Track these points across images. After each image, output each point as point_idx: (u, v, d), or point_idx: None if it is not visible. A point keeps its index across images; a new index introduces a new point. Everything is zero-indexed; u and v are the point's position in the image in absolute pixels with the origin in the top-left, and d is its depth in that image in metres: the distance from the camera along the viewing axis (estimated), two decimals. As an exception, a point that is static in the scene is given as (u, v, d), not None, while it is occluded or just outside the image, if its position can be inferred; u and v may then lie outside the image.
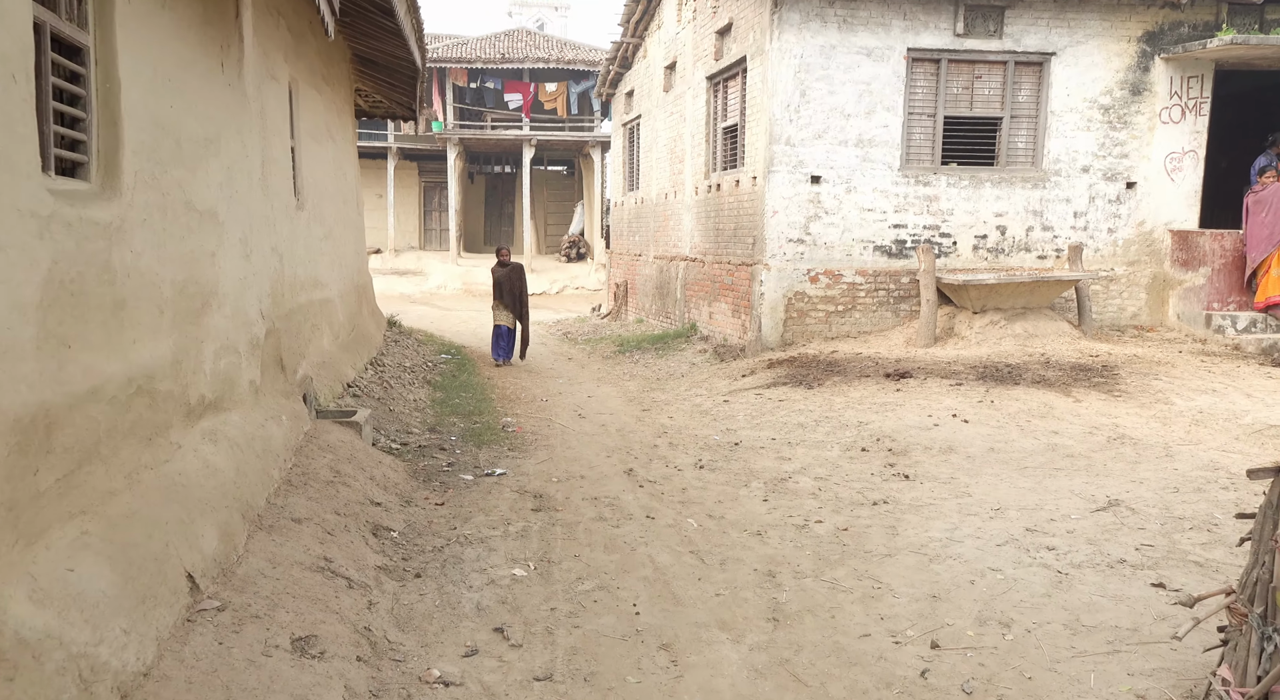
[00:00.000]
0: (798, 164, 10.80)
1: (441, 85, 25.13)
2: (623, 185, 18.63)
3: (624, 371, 11.73)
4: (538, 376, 11.35)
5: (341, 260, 9.67)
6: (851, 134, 10.81)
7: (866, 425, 7.57)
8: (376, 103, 14.37)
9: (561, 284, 25.53)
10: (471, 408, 8.76)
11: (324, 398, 7.13)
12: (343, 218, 10.02)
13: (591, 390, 10.30)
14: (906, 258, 11.07)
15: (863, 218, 10.97)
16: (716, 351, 11.62)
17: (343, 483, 5.16)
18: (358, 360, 9.14)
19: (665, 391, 10.04)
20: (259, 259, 5.51)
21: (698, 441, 7.49)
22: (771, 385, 9.40)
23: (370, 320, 11.61)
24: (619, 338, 14.66)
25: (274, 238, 6.20)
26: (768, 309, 10.93)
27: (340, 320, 9.02)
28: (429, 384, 9.86)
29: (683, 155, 14.25)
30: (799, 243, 10.93)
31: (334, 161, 9.57)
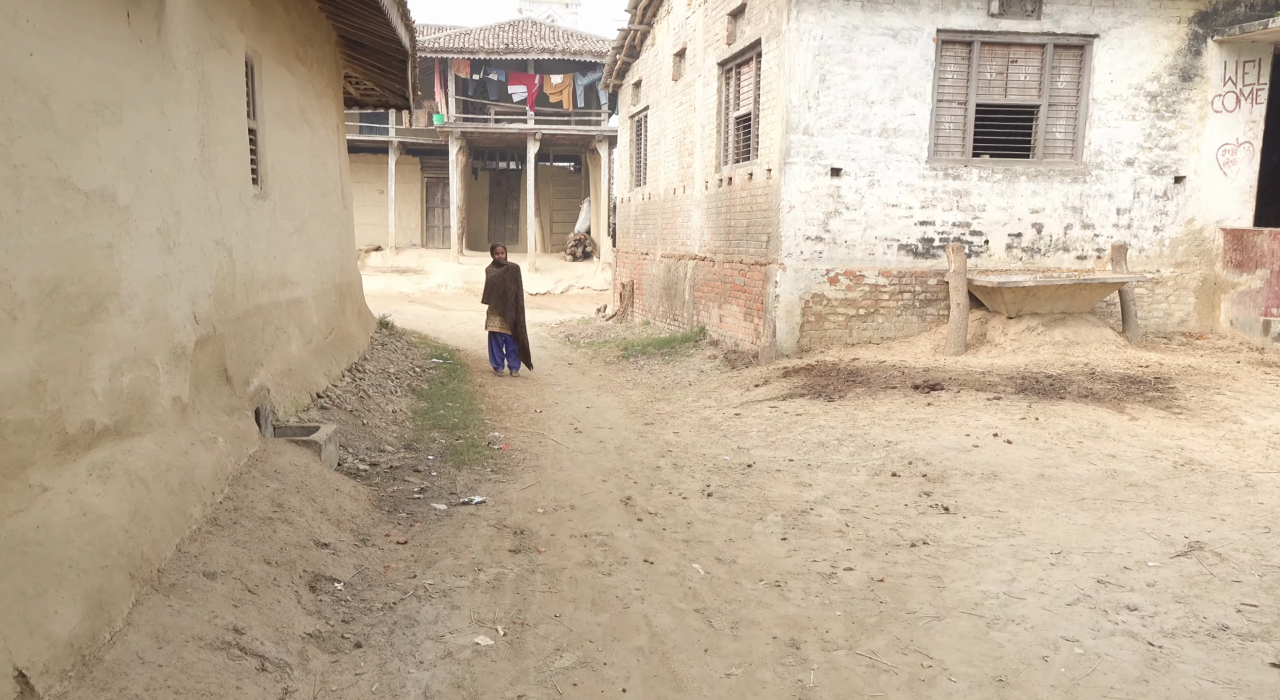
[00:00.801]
0: (816, 155, 9.95)
1: (443, 77, 24.33)
2: (629, 180, 17.80)
3: (627, 379, 10.90)
4: (534, 384, 10.53)
5: (319, 257, 8.88)
6: (875, 123, 9.95)
7: (896, 445, 6.71)
8: (369, 91, 13.60)
9: (566, 283, 24.72)
10: (457, 420, 7.94)
11: (285, 411, 6.33)
12: (322, 211, 9.22)
13: (591, 400, 9.48)
14: (934, 257, 10.20)
15: (887, 214, 10.11)
16: (727, 358, 10.78)
17: (284, 520, 4.34)
18: (334, 366, 8.33)
19: (671, 402, 9.21)
20: (190, 253, 4.69)
21: (706, 462, 6.66)
22: (788, 397, 8.55)
23: (355, 322, 10.81)
24: (624, 341, 13.83)
25: (220, 229, 5.39)
26: (783, 312, 10.08)
27: (314, 322, 8.22)
28: (413, 392, 9.05)
29: (692, 148, 13.41)
30: (817, 241, 10.08)
31: (311, 149, 8.77)
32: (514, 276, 11.10)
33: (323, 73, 9.71)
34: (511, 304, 10.95)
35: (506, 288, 10.99)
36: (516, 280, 11.10)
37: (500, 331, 11.04)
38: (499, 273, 11.10)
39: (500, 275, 11.06)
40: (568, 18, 40.38)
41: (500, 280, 11.02)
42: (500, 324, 11.03)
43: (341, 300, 10.11)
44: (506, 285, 11.00)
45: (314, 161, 8.92)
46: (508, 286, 11.00)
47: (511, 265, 11.20)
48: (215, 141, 5.32)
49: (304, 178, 8.36)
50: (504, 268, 11.12)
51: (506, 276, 11.05)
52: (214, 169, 5.28)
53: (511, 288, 11.02)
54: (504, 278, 11.03)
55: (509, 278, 11.05)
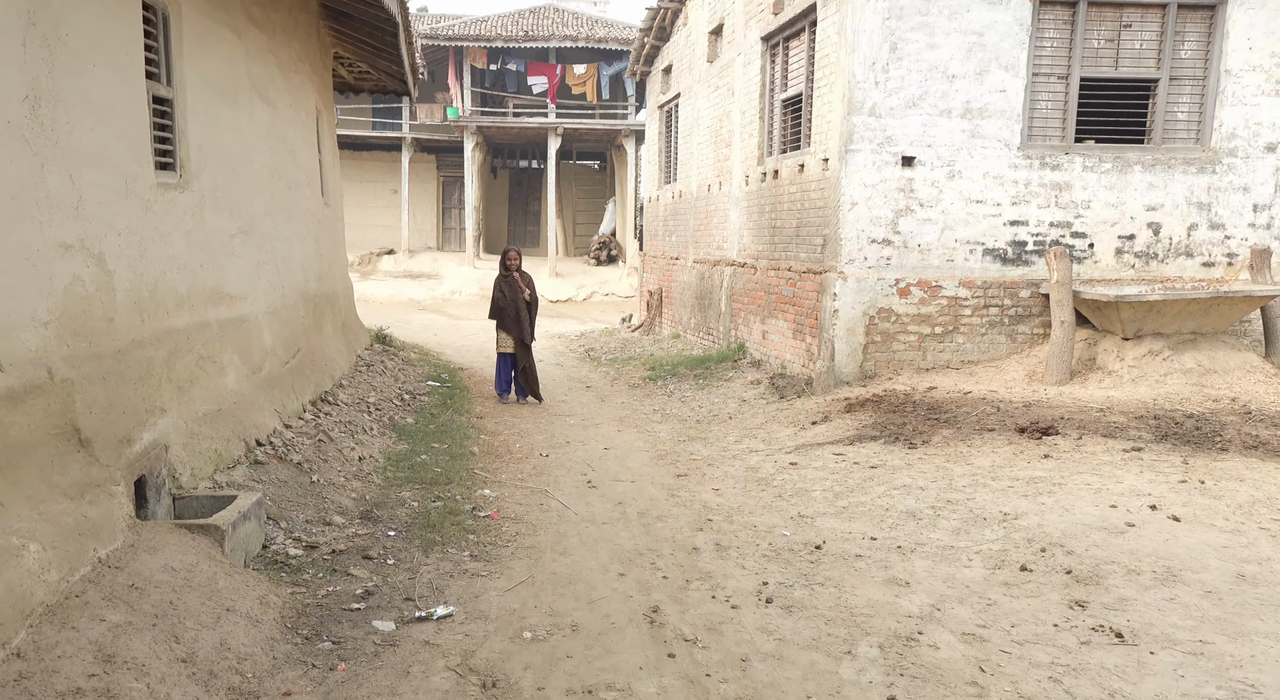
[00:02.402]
0: (884, 141, 8.22)
1: (459, 67, 22.77)
2: (658, 177, 16.13)
3: (654, 408, 9.21)
4: (544, 415, 8.87)
5: (280, 264, 7.29)
6: (956, 101, 8.20)
7: (1016, 520, 4.98)
8: (363, 74, 12.06)
9: (589, 290, 23.09)
10: (439, 470, 6.30)
11: (197, 473, 4.72)
12: (288, 208, 7.64)
13: (610, 438, 7.80)
14: (1026, 264, 8.43)
15: (969, 212, 8.36)
16: (773, 383, 9.06)
17: (105, 693, 2.71)
18: (292, 399, 6.74)
19: (708, 442, 7.52)
20: (-14, 264, 3.09)
21: (759, 539, 4.97)
22: (855, 439, 6.83)
23: (336, 339, 9.23)
24: (651, 359, 12.15)
25: (77, 229, 3.79)
26: (843, 330, 8.36)
27: (266, 345, 6.63)
28: (394, 429, 7.43)
29: (730, 138, 11.72)
30: (885, 244, 8.34)
31: (271, 132, 7.19)
32: (527, 286, 9.43)
33: (293, 44, 8.14)
34: (514, 319, 9.30)
35: (519, 303, 9.32)
36: (530, 293, 9.43)
37: (514, 353, 9.40)
38: (509, 284, 9.43)
39: (510, 287, 9.39)
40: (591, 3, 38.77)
41: (511, 293, 9.36)
42: (515, 344, 9.39)
43: (316, 314, 8.53)
44: (519, 300, 9.33)
45: (275, 148, 7.34)
46: (517, 297, 9.34)
47: (524, 274, 9.53)
48: (66, 101, 3.72)
49: (257, 166, 6.78)
50: (515, 277, 9.44)
51: (518, 288, 9.38)
52: (61, 141, 3.67)
53: (517, 300, 9.36)
54: (515, 290, 9.37)
55: (521, 290, 9.38)
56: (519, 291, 9.35)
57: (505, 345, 9.46)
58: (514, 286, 9.37)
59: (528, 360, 9.33)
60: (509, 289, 9.38)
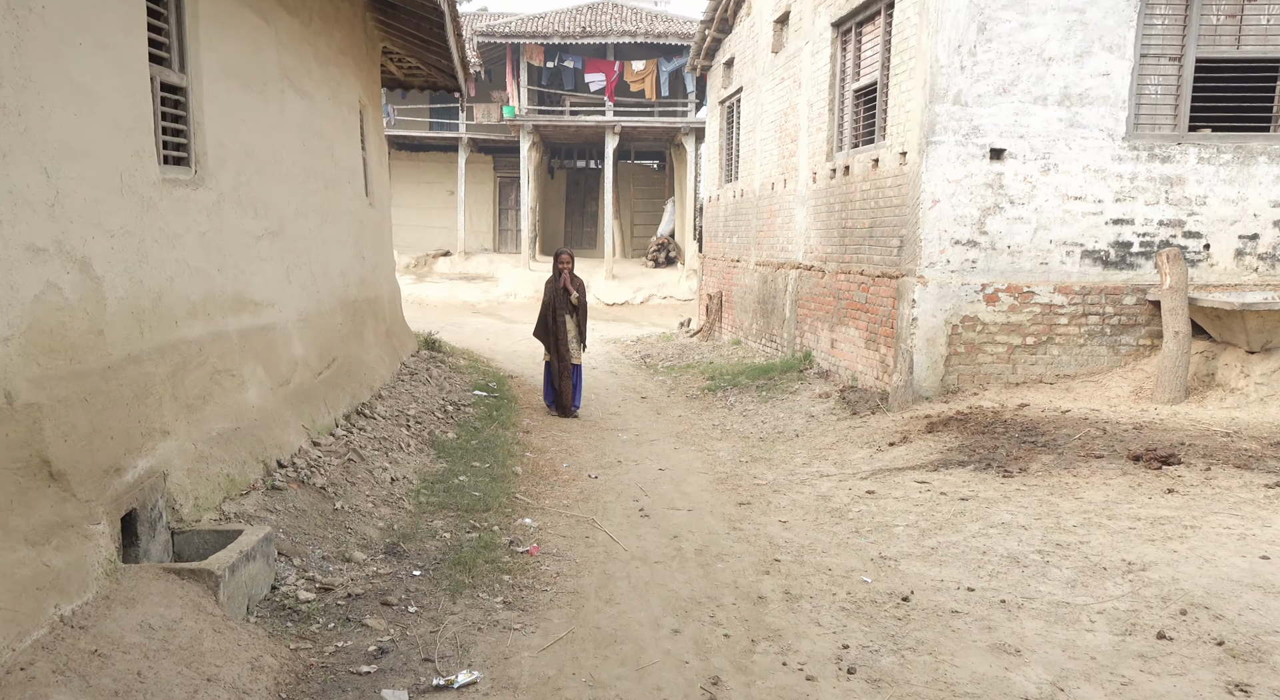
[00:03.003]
0: (971, 131, 7.44)
1: (515, 65, 22.37)
2: (718, 175, 15.45)
3: (714, 422, 8.55)
4: (594, 429, 8.28)
5: (316, 267, 6.84)
6: (1053, 87, 7.38)
7: (1144, 572, 4.21)
8: (413, 70, 11.65)
9: (647, 292, 22.49)
10: (478, 494, 5.74)
11: (205, 501, 4.23)
12: (325, 208, 7.19)
13: (666, 457, 7.17)
14: (1131, 268, 7.56)
15: (1066, 209, 7.52)
16: (844, 397, 8.33)
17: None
18: (324, 413, 6.26)
19: (773, 464, 6.84)
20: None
21: (834, 586, 4.29)
22: (940, 464, 6.09)
23: (379, 346, 8.77)
24: (710, 367, 11.49)
25: (51, 229, 3.30)
26: (922, 340, 7.59)
27: (297, 355, 6.16)
28: (433, 445, 6.91)
29: (795, 132, 11.00)
30: (970, 246, 7.56)
31: (306, 127, 6.74)
32: (575, 291, 8.83)
33: (333, 34, 7.70)
34: (548, 329, 8.71)
35: (558, 309, 8.72)
36: (578, 296, 8.83)
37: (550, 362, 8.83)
38: (550, 288, 8.85)
39: (551, 291, 8.81)
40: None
41: (551, 298, 8.77)
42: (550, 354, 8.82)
43: (356, 321, 8.08)
44: (559, 305, 8.73)
45: (310, 144, 6.88)
46: (559, 306, 8.72)
47: (575, 277, 8.94)
48: (39, 83, 3.23)
49: (288, 163, 6.31)
50: (563, 280, 8.85)
51: (563, 292, 8.79)
52: (31, 128, 3.19)
53: (567, 308, 8.76)
54: (558, 294, 8.78)
55: (568, 293, 8.79)
56: (560, 296, 8.75)
57: (550, 353, 8.91)
58: (558, 290, 8.77)
59: (564, 371, 8.70)
60: (549, 294, 8.81)
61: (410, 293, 22.56)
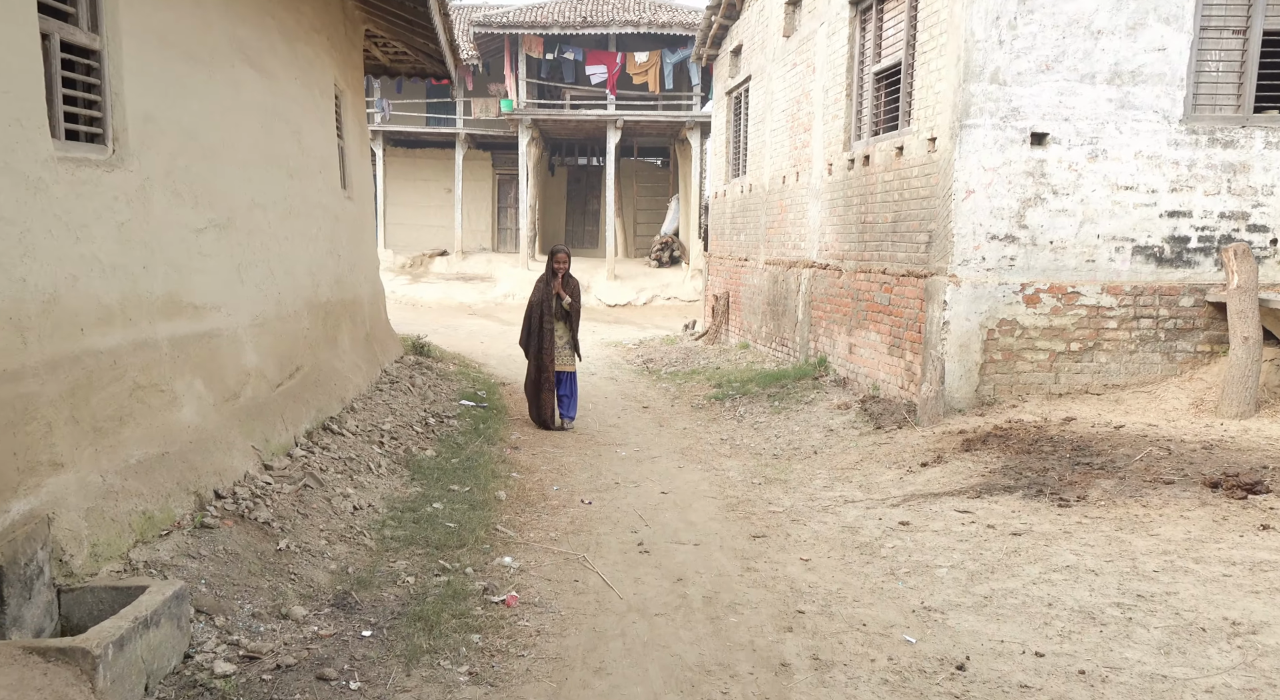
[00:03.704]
0: (1009, 114, 6.68)
1: (513, 57, 21.60)
2: (725, 170, 14.69)
3: (722, 435, 7.80)
4: (590, 444, 7.53)
5: (275, 266, 6.09)
6: (1102, 63, 6.62)
7: (1253, 634, 3.45)
8: (399, 56, 10.91)
9: (650, 293, 21.72)
10: (453, 525, 4.98)
11: (108, 548, 3.48)
12: (287, 200, 6.45)
13: (669, 478, 6.42)
14: (1188, 265, 6.79)
15: (1115, 200, 6.76)
16: (866, 409, 7.56)
17: None
18: (281, 431, 5.51)
19: (789, 485, 6.07)
20: None
21: (872, 648, 3.54)
22: (983, 490, 5.32)
23: (355, 352, 8.03)
24: (717, 373, 10.73)
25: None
26: (954, 346, 6.82)
27: (249, 366, 5.41)
28: (408, 465, 6.16)
29: (809, 121, 10.24)
30: (1008, 241, 6.79)
31: (263, 107, 6.00)
32: (568, 296, 8.06)
33: (302, 8, 6.96)
34: (534, 331, 7.98)
35: (545, 311, 7.96)
36: (570, 301, 8.06)
37: (557, 370, 8.06)
38: (538, 289, 8.08)
39: (540, 292, 8.04)
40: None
41: (540, 299, 8.02)
42: (558, 360, 8.06)
43: (328, 324, 7.34)
44: (547, 307, 7.96)
45: (272, 128, 6.14)
46: (547, 309, 7.96)
47: (569, 278, 8.18)
48: None
49: (243, 148, 5.57)
50: (555, 281, 8.09)
51: (548, 295, 8.01)
52: None
53: (555, 312, 7.99)
54: (547, 296, 8.02)
55: (560, 296, 8.02)
56: (549, 298, 7.97)
57: (530, 361, 8.16)
58: (548, 292, 8.00)
59: (545, 382, 7.92)
60: (538, 294, 8.05)
61: (404, 294, 21.84)
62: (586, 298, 21.58)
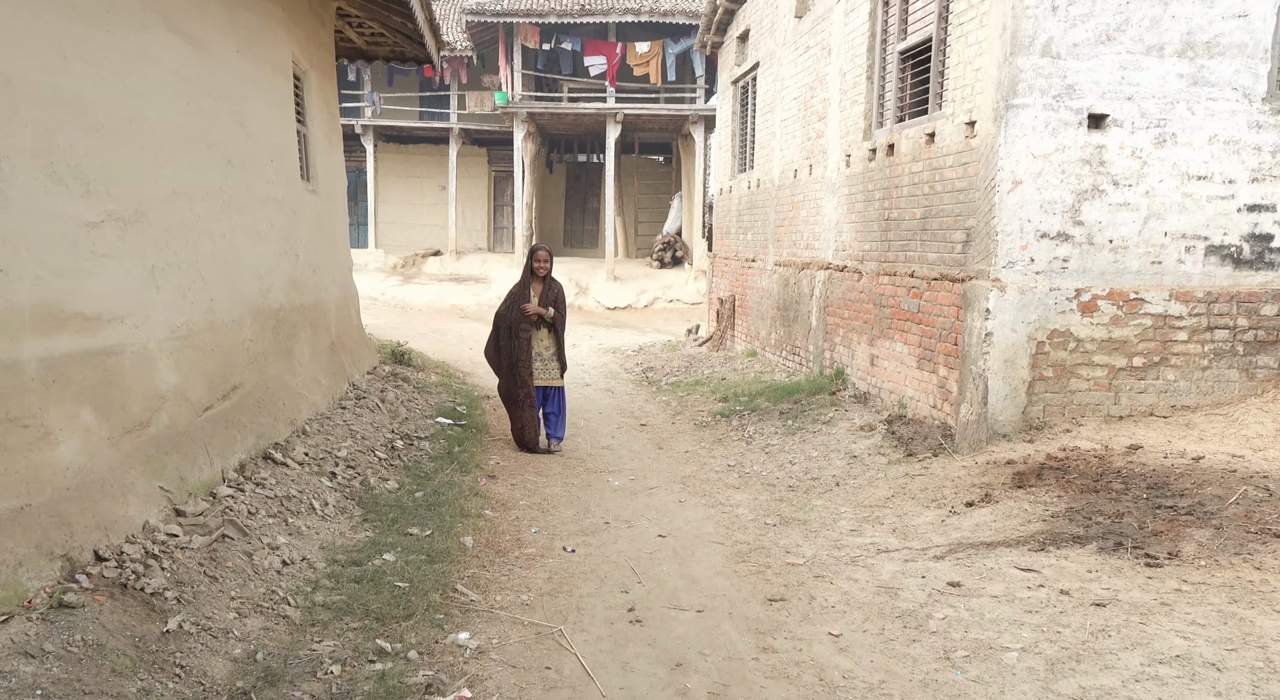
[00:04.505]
0: (1064, 92, 5.76)
1: (508, 47, 20.66)
2: (730, 165, 13.78)
3: (729, 460, 6.88)
4: (579, 470, 6.61)
5: (206, 269, 5.19)
6: (1172, 32, 5.70)
7: None
8: (376, 38, 10.00)
9: (651, 295, 20.80)
10: (404, 586, 4.07)
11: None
12: (224, 191, 5.55)
13: (668, 515, 5.50)
14: (1271, 267, 5.87)
15: (1186, 193, 5.83)
16: (893, 431, 6.64)
17: None
18: (204, 465, 4.61)
19: (809, 527, 5.15)
20: None
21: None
22: (1047, 541, 4.40)
23: (316, 364, 7.12)
24: (722, 385, 9.81)
25: None
26: (998, 361, 5.90)
27: (163, 388, 4.51)
28: (362, 501, 5.25)
29: (824, 109, 9.32)
30: (1061, 239, 5.87)
31: (190, 82, 5.09)
32: (551, 307, 7.10)
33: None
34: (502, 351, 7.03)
35: (518, 321, 7.02)
36: (554, 312, 7.10)
37: (541, 384, 7.14)
38: (523, 295, 7.12)
39: (521, 300, 7.08)
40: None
41: (513, 306, 7.07)
42: (542, 374, 7.13)
43: (282, 334, 6.43)
44: (519, 317, 7.02)
45: (201, 106, 5.24)
46: (519, 318, 7.02)
47: (551, 281, 7.24)
48: None
49: (157, 127, 4.67)
50: (535, 284, 7.14)
51: (515, 304, 7.06)
52: None
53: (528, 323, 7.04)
54: (515, 304, 7.07)
55: (519, 306, 7.05)
56: (514, 310, 7.03)
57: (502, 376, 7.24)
58: (524, 297, 7.06)
59: (526, 399, 6.99)
60: (512, 299, 7.11)
61: (394, 296, 20.95)
62: (584, 300, 20.68)
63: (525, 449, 7.04)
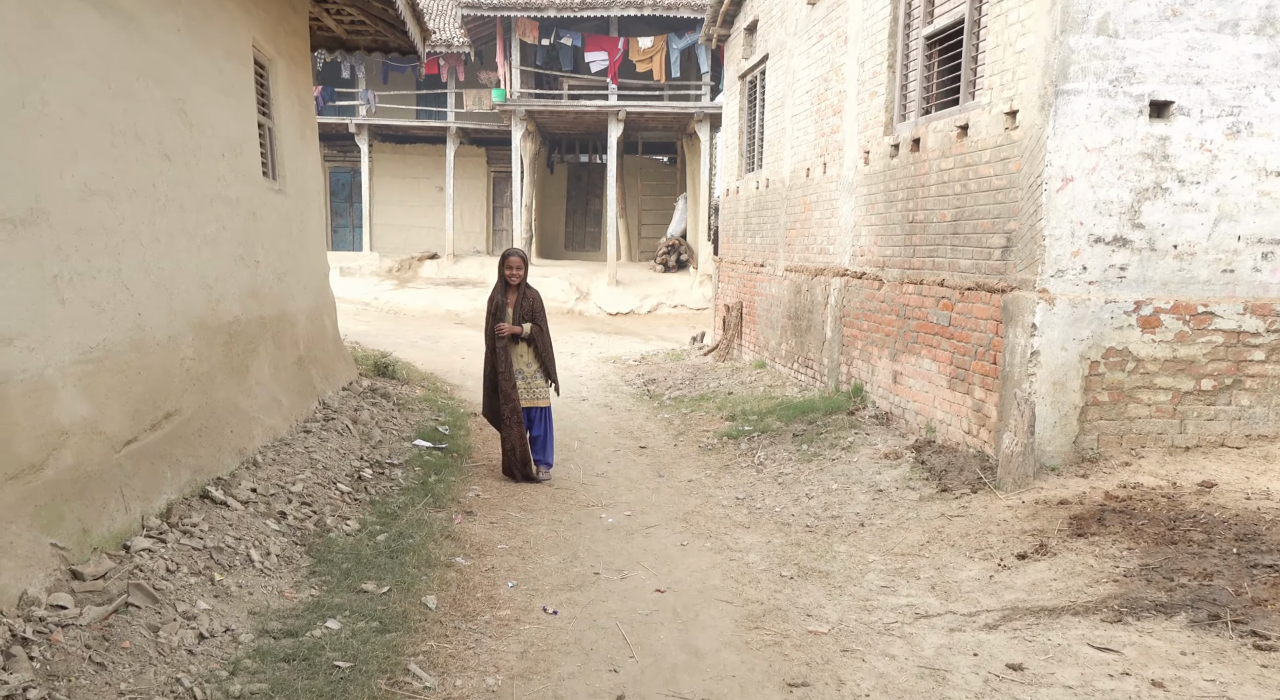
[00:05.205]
0: (1122, 75, 5.02)
1: (506, 43, 19.93)
2: (738, 164, 13.04)
3: (737, 491, 6.12)
4: (568, 503, 5.87)
5: (132, 278, 4.48)
6: (1247, 7, 4.96)
7: None
8: (357, 26, 9.28)
9: (655, 301, 20.06)
10: (345, 666, 3.34)
11: None
12: (159, 189, 4.85)
13: (669, 562, 4.76)
14: (1361, 278, 5.12)
15: (1264, 190, 5.09)
16: (922, 459, 5.89)
17: None
18: (116, 511, 3.90)
19: (832, 582, 4.40)
20: None
21: None
22: (1122, 610, 3.66)
23: (276, 382, 6.40)
24: (729, 399, 9.07)
25: None
26: (1046, 384, 5.16)
27: (69, 421, 3.79)
28: (313, 549, 4.52)
29: (840, 102, 8.59)
30: (1118, 245, 5.13)
31: (112, 60, 4.39)
32: (526, 320, 6.31)
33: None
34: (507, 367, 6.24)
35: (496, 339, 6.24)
36: (531, 326, 6.31)
37: (525, 405, 6.39)
38: (498, 309, 6.31)
39: (495, 316, 6.29)
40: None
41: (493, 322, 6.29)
42: (525, 393, 6.39)
43: (235, 351, 5.71)
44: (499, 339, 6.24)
45: (130, 89, 4.53)
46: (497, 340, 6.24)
47: (527, 290, 6.41)
48: None
49: (64, 110, 3.95)
50: (510, 294, 6.35)
51: (497, 318, 6.29)
52: None
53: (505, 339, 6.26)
54: (499, 316, 6.30)
55: (518, 316, 6.29)
56: (502, 313, 6.27)
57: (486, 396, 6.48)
58: (500, 307, 6.30)
59: (513, 417, 6.23)
60: (490, 316, 6.35)
61: (387, 301, 20.25)
62: (585, 305, 19.95)
63: (510, 476, 6.30)
